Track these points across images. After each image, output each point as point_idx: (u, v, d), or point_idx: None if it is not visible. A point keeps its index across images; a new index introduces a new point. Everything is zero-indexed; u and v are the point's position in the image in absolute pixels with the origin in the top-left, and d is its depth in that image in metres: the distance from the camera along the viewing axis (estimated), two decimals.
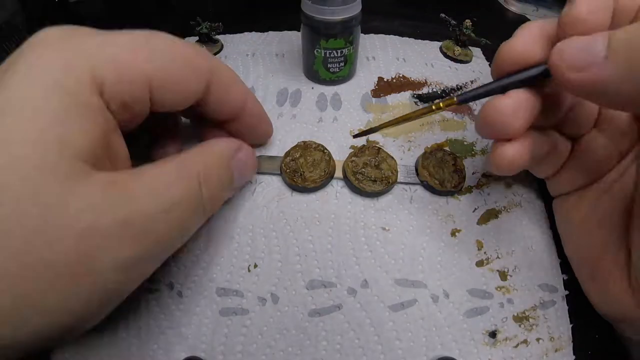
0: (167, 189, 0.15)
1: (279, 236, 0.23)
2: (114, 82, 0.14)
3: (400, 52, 0.35)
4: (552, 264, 0.23)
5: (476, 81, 0.33)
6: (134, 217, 0.13)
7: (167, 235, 0.15)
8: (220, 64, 0.19)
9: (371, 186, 0.23)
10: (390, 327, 0.21)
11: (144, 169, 0.15)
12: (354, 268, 0.22)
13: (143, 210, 0.14)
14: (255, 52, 0.34)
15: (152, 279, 0.21)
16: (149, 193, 0.14)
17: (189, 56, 0.17)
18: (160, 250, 0.15)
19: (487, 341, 0.21)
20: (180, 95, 0.17)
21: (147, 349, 0.20)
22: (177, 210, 0.15)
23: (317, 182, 0.23)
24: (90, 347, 0.20)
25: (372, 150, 0.25)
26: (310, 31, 0.27)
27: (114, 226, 0.13)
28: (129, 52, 0.15)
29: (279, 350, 0.20)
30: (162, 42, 0.16)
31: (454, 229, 0.24)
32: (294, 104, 0.29)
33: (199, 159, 0.17)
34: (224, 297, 0.21)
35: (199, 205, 0.17)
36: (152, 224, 0.14)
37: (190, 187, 0.16)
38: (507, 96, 0.16)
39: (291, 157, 0.24)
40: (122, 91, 0.15)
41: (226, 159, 0.19)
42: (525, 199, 0.25)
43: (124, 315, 0.21)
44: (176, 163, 0.16)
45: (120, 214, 0.13)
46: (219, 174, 0.18)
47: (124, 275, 0.14)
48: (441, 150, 0.26)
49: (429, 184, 0.24)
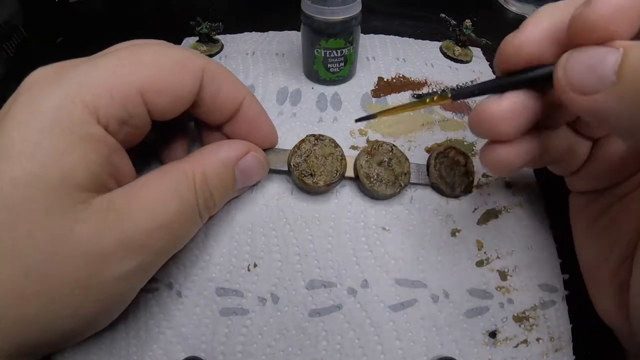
0: (161, 205, 0.16)
1: (279, 235, 0.23)
2: (107, 104, 0.15)
3: (400, 52, 0.35)
4: (552, 264, 0.23)
5: (476, 81, 0.33)
6: (132, 235, 0.15)
7: (165, 245, 0.16)
8: (211, 62, 0.19)
9: (384, 190, 0.22)
10: (390, 327, 0.21)
11: (142, 184, 0.16)
12: (354, 268, 0.22)
13: (140, 228, 0.15)
14: (255, 51, 0.34)
15: (151, 279, 0.21)
16: (144, 210, 0.15)
17: (177, 59, 0.17)
18: (159, 258, 0.17)
19: (487, 341, 0.21)
20: (175, 98, 0.17)
21: (147, 349, 0.20)
22: (173, 223, 0.16)
23: (329, 184, 0.22)
24: (90, 347, 0.20)
25: (385, 147, 0.23)
26: (310, 31, 0.27)
27: (114, 245, 0.14)
28: (116, 70, 0.15)
29: (279, 350, 0.20)
30: (148, 52, 0.16)
31: (454, 229, 0.24)
32: (294, 102, 0.29)
33: (198, 163, 0.18)
34: (223, 297, 0.21)
35: (195, 215, 0.18)
36: (149, 238, 0.15)
37: (185, 200, 0.17)
38: (501, 99, 0.15)
39: (300, 155, 0.23)
40: (116, 110, 0.15)
41: (230, 162, 0.19)
42: (525, 199, 0.25)
43: (124, 316, 0.20)
44: (173, 174, 0.17)
45: (118, 234, 0.14)
46: (221, 179, 0.19)
47: (127, 284, 0.16)
48: (453, 149, 0.25)
49: (439, 187, 0.24)
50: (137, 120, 0.16)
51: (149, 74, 0.16)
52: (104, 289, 0.15)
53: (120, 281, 0.15)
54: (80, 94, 0.14)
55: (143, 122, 0.17)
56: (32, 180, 0.13)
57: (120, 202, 0.15)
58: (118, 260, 0.14)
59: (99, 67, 0.15)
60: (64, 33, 0.39)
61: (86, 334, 0.17)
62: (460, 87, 0.27)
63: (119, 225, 0.14)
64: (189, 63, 0.17)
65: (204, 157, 0.18)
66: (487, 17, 0.44)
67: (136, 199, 0.15)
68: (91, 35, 0.39)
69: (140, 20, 0.42)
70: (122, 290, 0.16)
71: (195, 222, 0.18)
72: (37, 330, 0.14)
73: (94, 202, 0.14)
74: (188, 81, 0.17)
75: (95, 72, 0.15)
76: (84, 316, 0.15)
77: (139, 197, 0.15)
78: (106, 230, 0.14)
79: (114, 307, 0.17)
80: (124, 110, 0.15)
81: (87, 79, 0.15)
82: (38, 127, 0.14)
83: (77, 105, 0.14)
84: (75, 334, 0.16)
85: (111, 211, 0.15)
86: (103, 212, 0.14)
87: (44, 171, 0.13)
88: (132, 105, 0.16)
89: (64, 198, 0.14)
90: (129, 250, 0.15)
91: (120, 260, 0.15)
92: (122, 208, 0.15)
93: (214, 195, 0.18)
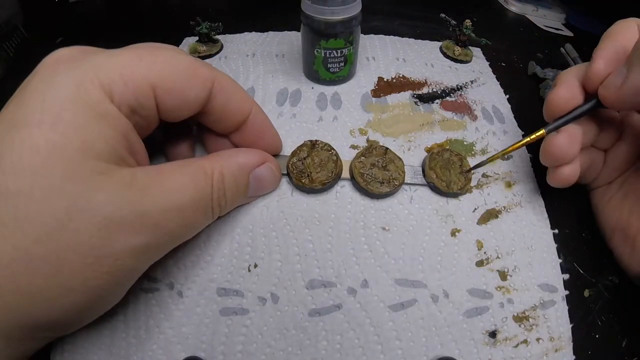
0: (180, 190, 0.17)
1: (279, 236, 0.23)
2: (121, 90, 0.16)
3: (400, 52, 0.35)
4: (552, 264, 0.23)
5: (476, 81, 0.33)
6: (148, 211, 0.15)
7: (175, 230, 0.17)
8: (222, 74, 0.20)
9: (378, 188, 0.23)
10: (390, 327, 0.21)
11: (164, 168, 0.17)
12: (354, 268, 0.22)
13: (157, 206, 0.16)
14: (255, 52, 0.34)
15: (152, 279, 0.21)
16: (164, 191, 0.16)
17: (191, 65, 0.18)
18: (167, 241, 0.17)
19: (487, 341, 0.21)
20: (183, 100, 0.18)
21: (147, 349, 0.20)
22: (187, 210, 0.17)
23: (325, 184, 0.23)
24: (90, 347, 0.20)
25: (380, 150, 0.25)
26: (310, 31, 0.27)
27: (130, 217, 0.15)
28: (132, 62, 0.16)
29: (279, 350, 0.20)
30: (165, 53, 0.18)
31: (454, 229, 0.24)
32: (293, 103, 0.29)
33: (217, 163, 0.19)
34: (224, 297, 0.21)
35: (208, 208, 0.19)
36: (163, 218, 0.16)
37: (202, 190, 0.18)
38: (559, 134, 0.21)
39: (298, 157, 0.24)
40: (129, 97, 0.16)
41: (247, 167, 0.21)
42: (525, 199, 0.25)
43: (124, 315, 0.21)
44: (194, 167, 0.18)
45: (137, 207, 0.15)
46: (236, 182, 0.20)
47: (135, 259, 0.16)
48: (447, 150, 0.25)
49: (435, 186, 0.24)
50: (146, 112, 0.17)
51: (161, 73, 0.17)
52: (114, 261, 0.15)
53: (130, 255, 0.15)
54: (98, 77, 0.15)
55: (151, 116, 0.18)
56: (53, 148, 0.14)
57: (143, 180, 0.16)
58: (131, 233, 0.15)
59: (118, 57, 0.16)
60: (64, 33, 0.39)
61: (87, 316, 0.17)
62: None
63: (139, 200, 0.15)
64: (200, 71, 0.18)
65: (223, 158, 0.20)
66: (487, 17, 0.44)
67: (158, 180, 0.16)
68: (91, 35, 0.39)
69: (140, 20, 0.42)
70: (130, 266, 0.16)
71: (207, 215, 0.19)
72: (43, 304, 0.14)
73: (115, 174, 0.15)
74: (197, 87, 0.18)
75: (113, 60, 0.16)
76: (92, 288, 0.15)
77: (160, 179, 0.16)
78: (125, 202, 0.15)
79: (119, 285, 0.16)
80: (135, 100, 0.16)
81: (106, 64, 0.16)
82: (59, 99, 0.14)
83: (95, 85, 0.15)
84: (79, 314, 0.16)
85: (133, 186, 0.15)
86: (125, 185, 0.15)
87: (65, 140, 0.14)
88: (143, 97, 0.17)
89: (83, 166, 0.14)
90: (143, 225, 0.15)
91: (134, 233, 0.15)
92: (143, 185, 0.16)
93: (227, 194, 0.19)
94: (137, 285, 0.21)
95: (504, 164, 0.27)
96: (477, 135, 0.28)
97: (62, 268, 0.14)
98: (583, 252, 0.25)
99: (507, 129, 0.29)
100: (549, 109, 0.22)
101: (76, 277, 0.14)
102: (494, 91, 0.32)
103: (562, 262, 0.23)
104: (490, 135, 0.29)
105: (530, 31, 0.43)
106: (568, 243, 0.25)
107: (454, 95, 0.31)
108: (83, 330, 0.20)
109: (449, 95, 0.31)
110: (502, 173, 0.27)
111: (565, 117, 0.22)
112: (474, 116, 0.30)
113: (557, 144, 0.21)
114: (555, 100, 0.22)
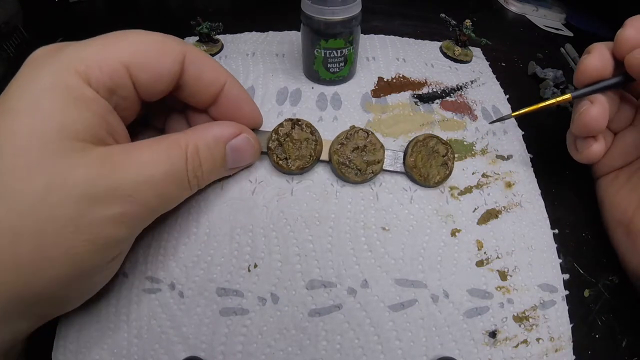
0: (153, 163, 0.18)
1: (279, 236, 0.23)
2: (97, 73, 0.17)
3: (400, 52, 0.35)
4: (552, 264, 0.23)
5: (476, 81, 0.33)
6: (121, 184, 0.16)
7: (152, 200, 0.18)
8: (193, 47, 0.21)
9: (353, 177, 0.24)
10: (390, 327, 0.21)
11: (140, 145, 0.18)
12: (354, 268, 0.22)
13: (128, 179, 0.17)
14: (256, 52, 0.34)
15: (154, 280, 0.21)
16: (136, 165, 0.17)
17: (160, 40, 0.19)
18: (144, 211, 0.18)
19: (487, 341, 0.21)
20: (157, 75, 0.19)
21: (148, 348, 0.20)
22: (160, 182, 0.18)
23: (302, 168, 0.23)
24: (92, 346, 0.20)
25: (361, 134, 0.24)
26: (310, 31, 0.27)
27: (103, 190, 0.16)
28: (104, 46, 0.18)
29: (279, 350, 0.20)
30: (133, 33, 0.19)
31: (454, 229, 0.24)
32: (293, 103, 0.29)
33: (192, 136, 0.20)
34: (224, 297, 0.21)
35: (183, 180, 0.19)
36: (136, 191, 0.17)
37: (176, 163, 0.19)
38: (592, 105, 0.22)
39: (278, 135, 0.24)
40: (105, 79, 0.17)
41: (221, 139, 0.21)
42: (525, 199, 0.25)
43: (127, 316, 0.21)
44: (168, 141, 0.19)
45: (109, 181, 0.16)
46: (212, 154, 0.20)
47: (113, 227, 0.17)
48: (434, 138, 0.25)
49: (413, 177, 0.24)
50: (124, 92, 0.18)
51: (132, 51, 0.18)
52: (93, 229, 0.16)
53: (108, 223, 0.16)
54: (74, 65, 0.17)
55: (130, 96, 0.19)
56: (31, 132, 0.15)
57: (118, 156, 0.17)
58: (106, 204, 0.16)
59: (90, 44, 0.18)
60: (64, 33, 0.39)
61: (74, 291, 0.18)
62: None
63: (112, 175, 0.16)
64: (169, 45, 0.19)
65: (198, 131, 0.20)
66: (487, 17, 0.44)
67: (131, 155, 0.17)
68: (91, 35, 0.39)
69: (140, 20, 0.42)
70: (108, 234, 0.17)
71: (183, 187, 0.20)
72: (29, 276, 0.15)
73: (92, 152, 0.16)
74: (167, 60, 0.19)
75: (86, 47, 0.17)
76: (73, 257, 0.16)
77: (134, 154, 0.17)
78: (99, 177, 0.16)
79: (100, 254, 0.17)
80: (111, 81, 0.17)
81: (80, 53, 0.17)
82: (38, 89, 0.16)
83: (71, 73, 0.16)
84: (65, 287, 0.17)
85: (107, 162, 0.16)
86: (101, 161, 0.16)
87: (43, 124, 0.15)
88: (119, 77, 0.18)
89: (61, 146, 0.15)
90: (116, 197, 0.16)
91: (108, 205, 0.16)
92: (117, 161, 0.17)
93: (203, 166, 0.20)
94: (139, 286, 0.21)
95: (504, 164, 0.27)
96: (477, 135, 0.28)
97: (44, 239, 0.15)
98: (583, 252, 0.25)
99: (507, 129, 0.29)
100: (580, 75, 0.23)
101: (58, 247, 0.15)
102: (494, 91, 0.32)
103: (562, 262, 0.24)
104: (490, 135, 0.29)
105: (530, 31, 0.43)
106: (568, 243, 0.25)
107: (454, 95, 0.31)
108: (85, 330, 0.20)
109: (449, 95, 0.31)
110: (502, 173, 0.27)
111: (592, 86, 0.22)
112: (474, 116, 0.30)
113: (593, 115, 0.22)
114: (587, 68, 0.22)
